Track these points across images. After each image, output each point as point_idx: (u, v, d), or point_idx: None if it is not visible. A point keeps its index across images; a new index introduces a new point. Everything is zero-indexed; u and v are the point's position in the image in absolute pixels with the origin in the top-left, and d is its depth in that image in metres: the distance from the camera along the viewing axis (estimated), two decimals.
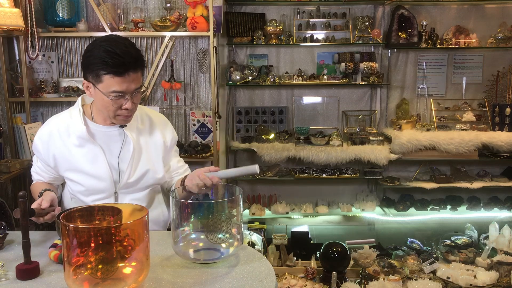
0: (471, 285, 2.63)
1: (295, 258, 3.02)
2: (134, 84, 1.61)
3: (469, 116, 3.68)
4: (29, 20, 2.89)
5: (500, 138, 3.47)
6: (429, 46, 3.63)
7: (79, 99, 1.81)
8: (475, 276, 2.69)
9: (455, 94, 3.86)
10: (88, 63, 1.59)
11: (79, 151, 1.74)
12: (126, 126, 1.76)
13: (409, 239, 3.37)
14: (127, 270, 1.14)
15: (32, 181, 1.91)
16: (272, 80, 3.55)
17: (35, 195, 1.79)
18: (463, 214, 3.69)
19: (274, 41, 3.57)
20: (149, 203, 1.87)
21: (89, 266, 1.10)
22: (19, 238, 1.33)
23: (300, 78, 3.61)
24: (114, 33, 2.99)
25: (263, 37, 3.57)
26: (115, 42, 1.57)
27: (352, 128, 3.80)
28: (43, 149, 1.79)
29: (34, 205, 1.54)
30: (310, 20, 3.71)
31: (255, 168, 1.53)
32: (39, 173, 1.86)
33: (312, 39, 3.66)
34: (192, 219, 1.37)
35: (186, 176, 1.78)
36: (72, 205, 1.79)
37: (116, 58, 1.54)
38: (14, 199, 2.91)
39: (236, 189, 1.46)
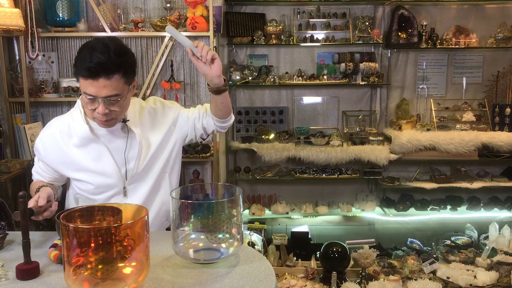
0: (471, 285, 2.63)
1: (295, 258, 3.02)
2: (105, 90, 1.59)
3: (469, 116, 3.68)
4: (29, 20, 2.89)
5: (500, 138, 3.47)
6: (429, 46, 3.63)
7: (78, 100, 1.81)
8: (475, 276, 2.68)
9: (455, 94, 3.86)
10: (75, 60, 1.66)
11: (81, 151, 1.75)
12: (129, 120, 1.77)
13: (409, 239, 3.36)
14: (127, 270, 1.14)
15: (32, 180, 1.91)
16: (272, 80, 3.54)
17: (33, 192, 1.78)
18: (463, 214, 3.68)
19: (274, 41, 3.57)
20: (155, 192, 1.87)
21: (89, 266, 1.10)
22: (19, 238, 1.33)
23: (300, 78, 3.61)
24: (114, 33, 2.99)
25: (263, 37, 3.57)
26: (98, 46, 1.58)
27: (352, 128, 3.80)
28: (44, 152, 1.79)
29: (31, 204, 1.53)
30: (310, 20, 3.71)
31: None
32: (40, 173, 1.86)
33: (312, 39, 3.66)
34: (192, 219, 1.37)
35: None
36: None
37: (87, 63, 1.56)
38: (14, 199, 2.91)
39: (236, 189, 1.46)
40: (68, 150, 1.75)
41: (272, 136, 3.70)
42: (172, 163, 1.92)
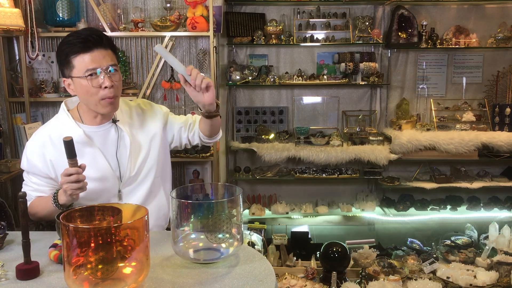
0: (471, 285, 2.63)
1: (295, 258, 3.01)
2: (105, 60, 1.62)
3: (469, 116, 3.68)
4: (29, 20, 2.89)
5: (500, 138, 3.47)
6: (429, 46, 3.63)
7: (62, 105, 1.78)
8: (475, 276, 2.68)
9: (455, 94, 3.86)
10: (59, 57, 1.65)
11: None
12: (119, 121, 1.76)
13: (409, 239, 3.36)
14: (127, 270, 1.14)
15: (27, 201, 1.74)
16: (272, 80, 3.54)
17: (43, 206, 1.70)
18: (463, 214, 3.69)
19: (274, 41, 3.57)
20: (151, 198, 1.85)
21: (89, 266, 1.10)
22: (19, 238, 1.33)
23: (300, 78, 3.61)
24: (114, 33, 3.00)
25: (263, 37, 3.57)
26: (77, 30, 1.67)
27: (352, 128, 3.80)
28: (39, 161, 1.72)
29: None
30: (310, 20, 3.71)
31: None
32: (38, 190, 1.76)
33: (312, 39, 3.66)
34: (192, 219, 1.37)
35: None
36: None
37: (80, 37, 1.60)
38: (14, 199, 2.90)
39: (236, 189, 1.46)
40: (61, 155, 1.63)
41: (272, 136, 3.70)
42: (164, 167, 1.91)
